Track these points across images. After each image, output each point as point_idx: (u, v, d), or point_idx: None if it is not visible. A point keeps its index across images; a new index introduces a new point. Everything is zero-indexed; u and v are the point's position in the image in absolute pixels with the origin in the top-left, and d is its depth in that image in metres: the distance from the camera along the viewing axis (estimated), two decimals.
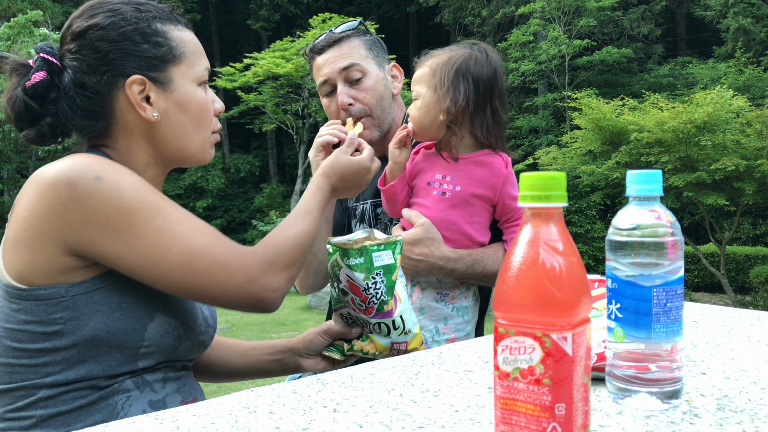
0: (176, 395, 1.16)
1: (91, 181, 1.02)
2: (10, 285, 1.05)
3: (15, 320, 1.05)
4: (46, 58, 1.13)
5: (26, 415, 1.05)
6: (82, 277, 1.05)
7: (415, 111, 1.49)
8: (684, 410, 0.74)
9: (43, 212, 1.02)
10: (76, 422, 1.05)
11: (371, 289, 1.30)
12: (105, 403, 1.07)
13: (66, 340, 1.04)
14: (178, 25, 1.20)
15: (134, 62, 1.13)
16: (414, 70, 1.54)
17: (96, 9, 1.15)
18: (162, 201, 1.07)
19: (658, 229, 0.74)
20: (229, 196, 22.83)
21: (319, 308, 10.18)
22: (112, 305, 1.06)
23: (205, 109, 1.21)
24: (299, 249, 1.18)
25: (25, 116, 1.14)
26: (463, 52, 1.48)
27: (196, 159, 1.24)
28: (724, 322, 1.16)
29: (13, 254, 1.05)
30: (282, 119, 16.68)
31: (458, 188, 1.48)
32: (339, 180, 1.36)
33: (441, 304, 1.49)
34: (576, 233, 13.50)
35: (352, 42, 1.71)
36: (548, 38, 16.75)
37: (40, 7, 16.12)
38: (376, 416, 0.75)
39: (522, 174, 0.63)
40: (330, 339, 1.42)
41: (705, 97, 9.28)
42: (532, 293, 0.59)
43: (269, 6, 23.47)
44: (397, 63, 1.81)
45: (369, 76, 1.69)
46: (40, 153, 12.10)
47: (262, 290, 1.09)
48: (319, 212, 1.27)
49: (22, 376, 1.05)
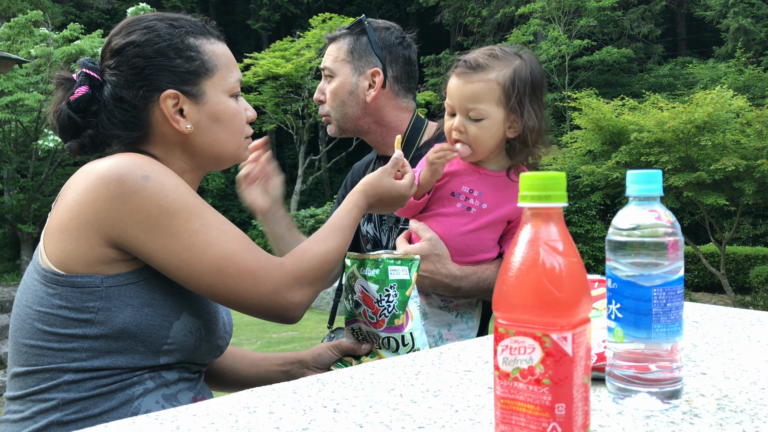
0: (188, 392, 1.20)
1: (139, 179, 1.07)
2: (49, 270, 1.10)
3: (49, 304, 1.09)
4: (88, 73, 1.20)
5: (48, 397, 1.09)
6: (119, 270, 1.10)
7: (481, 132, 1.38)
8: (684, 410, 0.74)
9: (91, 204, 1.07)
10: (94, 407, 1.09)
11: (384, 301, 1.30)
12: (122, 393, 1.10)
13: (96, 329, 1.08)
14: (210, 39, 1.25)
15: (168, 77, 1.19)
16: (446, 76, 1.44)
17: (133, 26, 1.21)
18: (202, 205, 1.13)
19: (658, 229, 0.74)
20: (229, 196, 22.79)
21: (319, 308, 10.17)
22: (142, 300, 1.11)
23: (237, 118, 1.26)
24: (327, 266, 1.21)
25: (69, 128, 1.20)
26: (520, 62, 1.38)
27: (231, 162, 1.30)
28: (724, 322, 1.16)
29: (57, 241, 1.10)
30: (282, 119, 16.66)
31: (484, 206, 1.43)
32: (377, 201, 1.37)
33: (445, 311, 1.47)
34: (576, 233, 13.49)
35: (339, 42, 1.74)
36: (548, 38, 16.73)
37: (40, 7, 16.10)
38: (376, 416, 0.75)
39: (522, 174, 0.63)
40: (339, 354, 1.44)
41: (705, 97, 9.27)
42: (532, 293, 0.59)
43: (269, 6, 23.45)
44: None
45: (335, 80, 1.73)
46: (40, 153, 12.07)
47: (286, 303, 1.14)
48: (351, 230, 1.30)
49: (49, 359, 1.09)
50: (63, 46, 11.82)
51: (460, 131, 1.39)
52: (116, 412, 1.08)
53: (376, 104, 1.73)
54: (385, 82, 1.71)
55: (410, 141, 1.73)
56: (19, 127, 11.99)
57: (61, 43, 12.15)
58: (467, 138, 1.40)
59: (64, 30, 12.56)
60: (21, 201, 12.29)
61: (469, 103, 1.38)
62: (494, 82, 1.37)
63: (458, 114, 1.40)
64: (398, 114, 1.76)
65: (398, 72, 1.75)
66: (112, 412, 1.09)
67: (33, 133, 11.67)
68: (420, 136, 1.74)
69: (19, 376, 1.11)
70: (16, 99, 10.58)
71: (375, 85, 1.72)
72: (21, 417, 1.09)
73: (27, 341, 1.11)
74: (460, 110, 1.40)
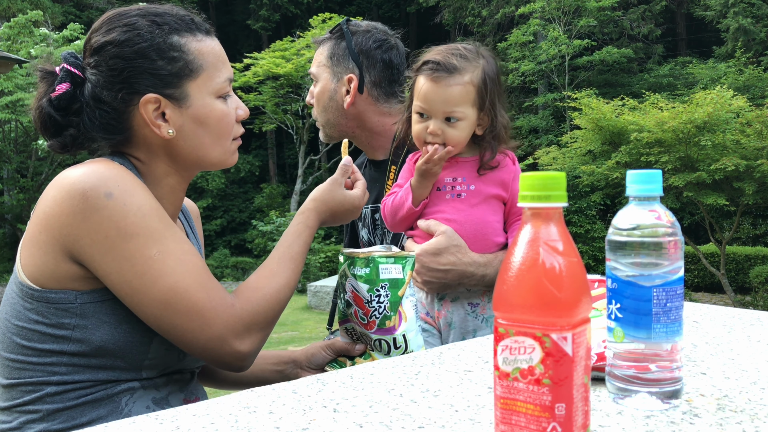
0: (179, 394, 1.17)
1: (101, 196, 1.02)
2: (24, 284, 1.07)
3: (26, 319, 1.07)
4: (69, 69, 1.13)
5: (33, 409, 1.07)
6: (91, 286, 1.06)
7: (458, 132, 1.39)
8: (684, 410, 0.74)
9: (56, 218, 1.03)
10: (81, 416, 1.07)
11: (374, 302, 1.24)
12: (110, 400, 1.08)
13: (73, 346, 1.05)
14: (197, 35, 1.17)
15: (149, 80, 1.12)
16: (409, 76, 1.45)
17: (114, 23, 1.14)
18: (165, 230, 1.06)
19: (658, 229, 0.74)
20: (229, 196, 22.80)
21: (319, 308, 10.17)
22: (119, 317, 1.07)
23: (225, 121, 1.19)
24: (278, 306, 1.15)
25: (50, 127, 1.15)
26: (484, 62, 1.40)
27: (217, 167, 1.24)
28: (724, 322, 1.16)
29: (29, 254, 1.07)
30: (282, 119, 16.68)
31: (472, 187, 1.43)
32: (330, 216, 1.32)
33: (472, 316, 1.44)
34: (576, 233, 13.49)
35: (322, 47, 1.75)
36: (548, 38, 16.74)
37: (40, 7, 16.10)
38: (376, 416, 0.75)
39: (522, 174, 0.63)
40: (333, 354, 1.40)
41: (705, 97, 9.27)
42: (532, 293, 0.59)
43: (269, 6, 23.45)
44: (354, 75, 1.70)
45: (317, 85, 1.74)
46: (40, 153, 12.09)
47: (233, 351, 1.08)
48: (303, 255, 1.24)
49: (29, 373, 1.07)
50: (63, 46, 11.84)
51: (437, 134, 1.39)
52: (104, 420, 1.05)
53: (356, 110, 1.71)
54: (361, 87, 1.69)
55: (403, 146, 1.70)
56: (19, 127, 12.01)
57: (61, 43, 12.16)
58: (442, 140, 1.39)
59: (64, 30, 12.59)
60: (21, 201, 12.31)
61: (447, 107, 1.37)
62: (470, 85, 1.37)
63: (434, 117, 1.39)
64: (380, 119, 1.74)
65: (376, 77, 1.71)
66: (101, 420, 1.06)
67: (33, 133, 11.70)
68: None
69: (5, 387, 1.09)
70: (16, 99, 10.60)
71: (351, 90, 1.70)
72: (9, 428, 1.08)
73: (7, 355, 1.08)
74: (436, 114, 1.39)
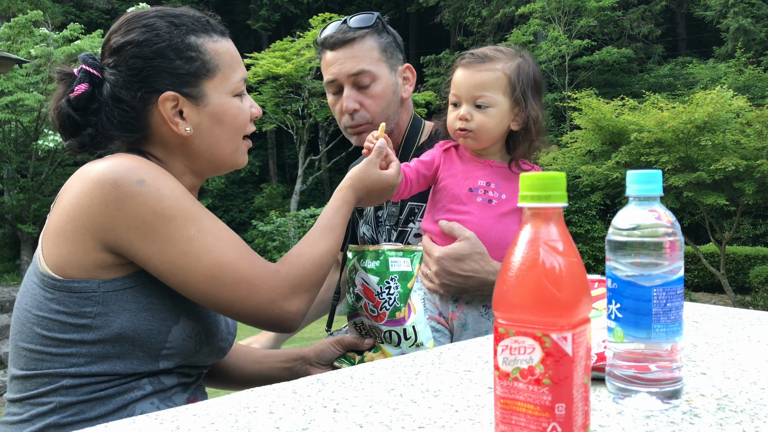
0: (183, 394, 1.19)
1: (134, 183, 1.05)
2: (46, 274, 1.09)
3: (47, 309, 1.08)
4: (88, 70, 1.16)
5: (46, 401, 1.08)
6: (115, 275, 1.09)
7: (487, 119, 1.40)
8: (684, 410, 0.74)
9: (86, 208, 1.06)
10: (90, 411, 1.08)
11: (384, 294, 1.27)
12: (120, 397, 1.10)
13: (93, 335, 1.08)
14: (213, 36, 1.21)
15: (167, 79, 1.15)
16: (449, 70, 1.46)
17: (132, 24, 1.17)
18: (198, 210, 1.10)
19: (658, 229, 0.74)
20: (229, 196, 22.81)
21: None
22: (140, 305, 1.10)
23: (240, 119, 1.23)
24: (322, 270, 1.19)
25: (69, 127, 1.17)
26: (521, 60, 1.43)
27: (228, 167, 1.26)
28: (724, 322, 1.16)
29: (53, 245, 1.09)
30: (282, 119, 16.66)
31: (504, 196, 1.42)
32: (366, 194, 1.35)
33: (485, 317, 1.43)
34: (576, 233, 13.49)
35: (366, 43, 1.60)
36: (548, 38, 16.73)
37: (40, 7, 16.10)
38: (376, 416, 0.75)
39: (522, 174, 0.63)
40: (342, 350, 1.43)
41: (705, 97, 9.27)
42: (532, 293, 0.59)
43: (269, 6, 23.45)
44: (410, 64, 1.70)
45: (378, 82, 1.60)
46: (40, 153, 12.09)
47: (283, 312, 1.12)
48: (342, 228, 1.27)
49: (47, 363, 1.09)
50: (63, 46, 11.84)
51: (466, 119, 1.41)
52: (113, 416, 1.08)
53: (407, 101, 1.71)
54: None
55: (410, 141, 1.71)
56: (19, 127, 12.00)
57: (61, 43, 12.16)
58: (473, 126, 1.41)
59: (64, 30, 12.58)
60: (21, 201, 12.30)
61: (476, 91, 1.40)
62: (501, 72, 1.40)
63: (464, 103, 1.42)
64: (408, 111, 1.75)
65: None
66: (109, 416, 1.08)
67: (33, 133, 11.69)
68: (419, 136, 1.73)
69: (19, 379, 1.11)
70: (16, 99, 10.59)
71: (411, 79, 1.69)
72: (19, 419, 1.09)
73: (26, 345, 1.10)
74: (466, 99, 1.42)
